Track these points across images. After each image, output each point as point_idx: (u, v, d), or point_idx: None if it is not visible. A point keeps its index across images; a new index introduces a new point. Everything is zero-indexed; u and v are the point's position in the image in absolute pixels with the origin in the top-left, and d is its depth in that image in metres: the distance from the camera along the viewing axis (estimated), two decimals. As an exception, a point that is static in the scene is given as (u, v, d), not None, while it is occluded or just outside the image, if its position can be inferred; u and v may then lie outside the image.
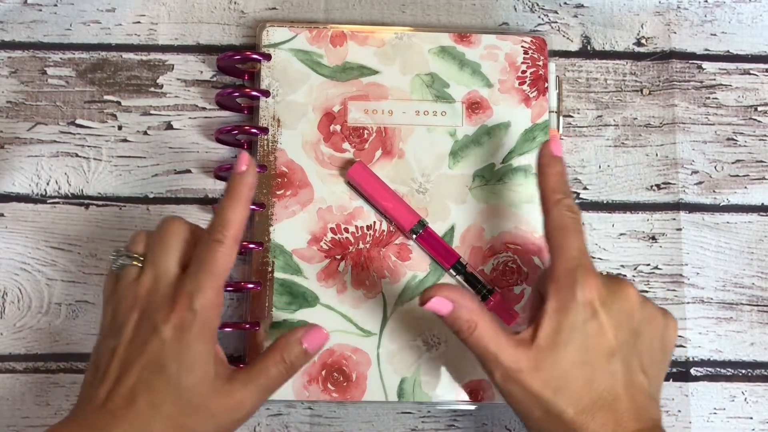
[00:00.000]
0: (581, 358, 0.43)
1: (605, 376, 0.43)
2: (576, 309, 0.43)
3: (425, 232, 0.54)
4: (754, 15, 0.62)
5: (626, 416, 0.43)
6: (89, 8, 0.60)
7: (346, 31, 0.58)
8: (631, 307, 0.45)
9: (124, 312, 0.44)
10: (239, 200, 0.44)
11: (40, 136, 0.58)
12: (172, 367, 0.42)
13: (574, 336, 0.43)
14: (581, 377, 0.43)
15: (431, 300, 0.44)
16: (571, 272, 0.44)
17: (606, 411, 0.43)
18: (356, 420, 0.55)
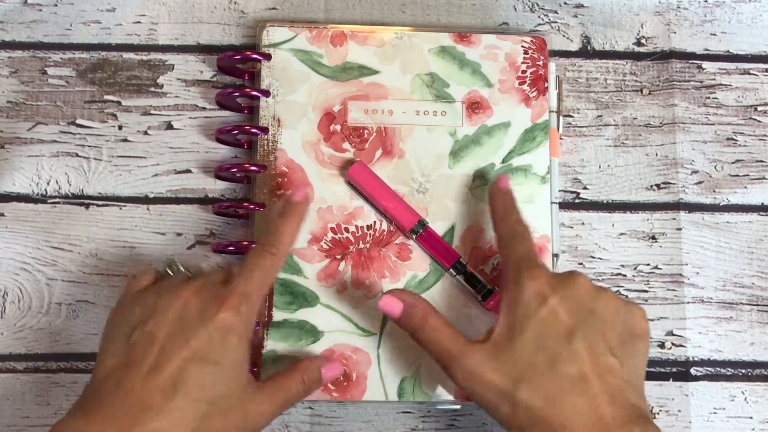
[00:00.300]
0: (538, 343, 0.43)
1: (568, 357, 0.43)
2: (525, 299, 0.44)
3: (425, 232, 0.54)
4: (754, 15, 0.62)
5: (600, 399, 0.42)
6: (89, 8, 0.60)
7: (346, 31, 0.58)
8: (582, 292, 0.45)
9: (168, 302, 0.44)
10: (293, 223, 0.48)
11: (41, 136, 0.58)
12: (214, 365, 0.42)
13: (527, 324, 0.44)
14: (542, 363, 0.43)
15: (382, 300, 0.47)
16: (517, 269, 0.46)
17: (576, 395, 0.42)
18: (356, 420, 0.55)
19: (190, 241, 0.57)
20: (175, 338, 0.42)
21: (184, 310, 0.44)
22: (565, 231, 0.58)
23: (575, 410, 0.41)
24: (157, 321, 0.43)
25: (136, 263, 0.56)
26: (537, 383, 0.42)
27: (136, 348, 0.42)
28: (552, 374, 0.42)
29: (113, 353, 0.43)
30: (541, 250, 0.56)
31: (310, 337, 0.54)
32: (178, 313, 0.43)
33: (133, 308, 0.45)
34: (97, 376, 0.43)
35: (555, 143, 0.57)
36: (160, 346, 0.42)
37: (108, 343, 0.44)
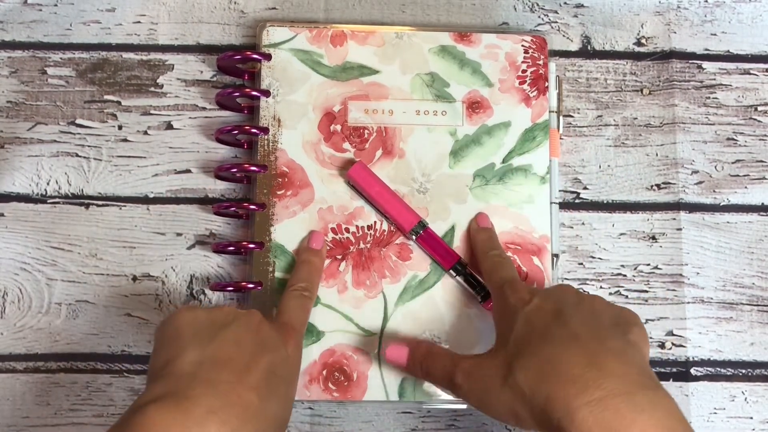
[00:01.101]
0: (529, 327, 0.44)
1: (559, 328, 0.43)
2: (510, 307, 0.46)
3: (425, 233, 0.54)
4: (754, 15, 0.62)
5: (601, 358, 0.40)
6: (89, 8, 0.60)
7: (347, 31, 0.58)
8: (566, 292, 0.47)
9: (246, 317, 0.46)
10: (319, 269, 0.54)
11: (41, 135, 0.58)
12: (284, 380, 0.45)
13: (516, 320, 0.45)
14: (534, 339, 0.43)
15: (386, 350, 0.51)
16: (501, 290, 0.48)
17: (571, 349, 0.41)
18: (356, 420, 0.55)
19: (190, 241, 0.57)
20: (258, 348, 0.44)
21: (260, 328, 0.46)
22: (565, 231, 0.58)
23: (573, 371, 0.40)
24: (241, 329, 0.45)
25: (136, 263, 0.56)
26: (531, 356, 0.42)
27: (223, 347, 0.43)
28: (545, 344, 0.42)
29: (196, 348, 0.43)
30: (541, 251, 0.56)
31: (311, 337, 0.54)
32: (256, 328, 0.45)
33: (210, 315, 0.46)
34: (177, 368, 0.42)
35: (555, 143, 0.57)
36: (248, 352, 0.43)
37: (183, 340, 0.44)
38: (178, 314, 0.45)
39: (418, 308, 0.55)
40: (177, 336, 0.44)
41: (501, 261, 0.52)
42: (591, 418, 0.38)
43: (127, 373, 0.55)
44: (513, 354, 0.43)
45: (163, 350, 0.44)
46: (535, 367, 0.42)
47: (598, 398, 0.38)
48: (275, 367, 0.44)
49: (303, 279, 0.52)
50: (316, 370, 0.53)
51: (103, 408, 0.55)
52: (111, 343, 0.56)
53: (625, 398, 0.38)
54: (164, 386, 0.40)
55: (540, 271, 0.55)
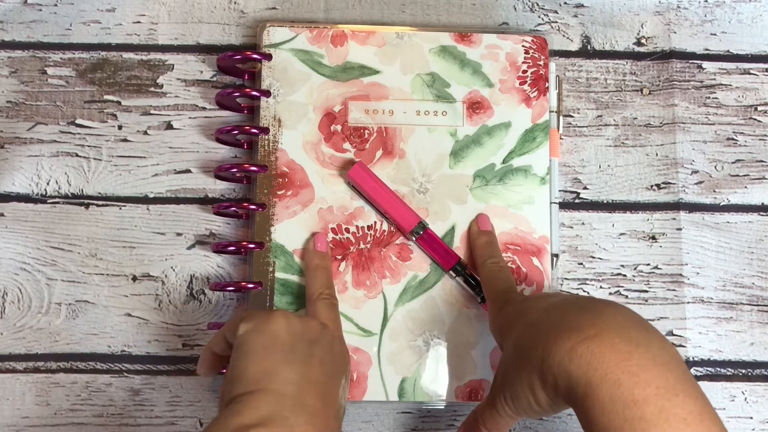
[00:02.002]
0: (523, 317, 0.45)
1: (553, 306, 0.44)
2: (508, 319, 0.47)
3: (425, 234, 0.54)
4: (754, 15, 0.62)
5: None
6: (89, 8, 0.60)
7: (347, 31, 0.58)
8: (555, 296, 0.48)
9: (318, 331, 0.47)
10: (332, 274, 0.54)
11: (40, 135, 0.58)
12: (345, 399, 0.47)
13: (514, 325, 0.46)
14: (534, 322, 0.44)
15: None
16: (498, 304, 0.50)
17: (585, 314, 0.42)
18: (356, 420, 0.55)
19: (190, 241, 0.57)
20: (336, 370, 0.46)
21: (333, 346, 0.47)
22: (565, 231, 0.58)
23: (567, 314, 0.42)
24: (325, 348, 0.46)
25: (136, 263, 0.56)
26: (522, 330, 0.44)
27: (315, 369, 0.44)
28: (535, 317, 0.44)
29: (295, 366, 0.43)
30: (541, 251, 0.56)
31: (311, 338, 0.54)
32: (331, 346, 0.47)
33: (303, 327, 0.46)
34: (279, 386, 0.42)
35: (555, 143, 0.57)
36: (330, 374, 0.45)
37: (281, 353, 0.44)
38: (274, 321, 0.45)
39: (418, 308, 0.55)
40: (274, 346, 0.44)
41: (497, 271, 0.53)
42: (588, 354, 0.38)
43: (127, 373, 0.55)
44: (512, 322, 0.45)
45: (260, 358, 0.43)
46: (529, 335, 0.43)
47: (593, 334, 0.39)
48: (345, 388, 0.47)
49: (326, 285, 0.53)
50: (316, 370, 0.53)
51: (103, 408, 0.55)
52: (111, 343, 0.56)
53: (620, 332, 0.39)
54: (268, 405, 0.40)
55: (540, 271, 0.55)
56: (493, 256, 0.54)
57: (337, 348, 0.48)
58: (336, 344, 0.48)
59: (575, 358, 0.38)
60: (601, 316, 0.40)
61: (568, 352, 0.39)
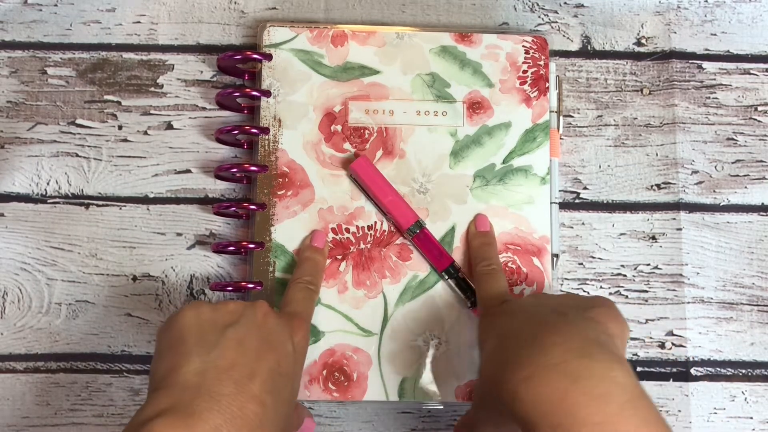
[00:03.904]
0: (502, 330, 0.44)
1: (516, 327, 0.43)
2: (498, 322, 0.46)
3: (422, 233, 0.54)
4: (754, 15, 0.62)
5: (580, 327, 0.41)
6: (89, 8, 0.60)
7: (347, 31, 0.58)
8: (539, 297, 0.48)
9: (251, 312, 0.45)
10: (322, 266, 0.54)
11: (41, 136, 0.58)
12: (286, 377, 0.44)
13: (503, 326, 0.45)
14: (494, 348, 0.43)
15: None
16: (489, 305, 0.50)
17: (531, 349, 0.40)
18: (356, 420, 0.55)
19: (190, 241, 0.57)
20: (263, 347, 0.43)
21: (266, 322, 0.44)
22: (565, 231, 0.58)
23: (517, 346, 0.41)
24: (245, 327, 0.43)
25: (136, 263, 0.56)
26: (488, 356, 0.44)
27: (227, 353, 0.42)
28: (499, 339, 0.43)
29: (200, 354, 0.41)
30: (541, 251, 0.56)
31: (311, 337, 0.54)
32: (261, 322, 0.44)
33: (214, 314, 0.44)
34: (182, 378, 0.40)
35: (555, 143, 0.57)
36: (252, 354, 0.42)
37: (187, 345, 0.42)
38: (181, 315, 0.43)
39: (418, 308, 0.55)
40: (180, 340, 0.42)
41: (491, 272, 0.53)
42: (528, 394, 0.37)
43: (127, 373, 0.55)
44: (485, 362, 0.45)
45: (167, 356, 0.42)
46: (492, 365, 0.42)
47: (530, 373, 0.38)
48: (280, 366, 0.43)
49: (308, 273, 0.53)
50: (316, 370, 0.53)
51: (103, 408, 0.55)
52: (111, 343, 0.56)
53: (559, 368, 0.37)
54: (168, 398, 0.39)
55: (540, 271, 0.55)
56: (486, 258, 0.54)
57: (271, 324, 0.45)
58: (270, 321, 0.45)
59: (517, 400, 0.38)
60: (543, 349, 0.39)
61: (511, 392, 0.38)
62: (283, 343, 0.44)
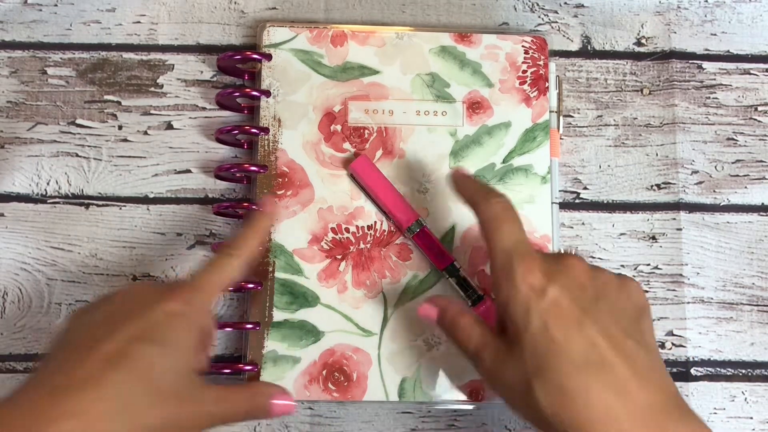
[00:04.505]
0: (548, 336, 0.40)
1: (582, 344, 0.40)
2: (522, 295, 0.42)
3: (422, 232, 0.54)
4: (754, 15, 0.62)
5: (631, 385, 0.39)
6: (89, 8, 0.60)
7: (347, 31, 0.58)
8: (580, 277, 0.42)
9: (115, 293, 0.43)
10: (258, 230, 0.49)
11: (40, 135, 0.58)
12: (160, 345, 0.40)
13: (531, 318, 0.41)
14: (554, 356, 0.40)
15: (419, 308, 0.47)
16: (507, 261, 0.43)
17: (601, 385, 0.39)
18: (356, 420, 0.55)
19: (190, 241, 0.57)
20: (120, 319, 0.41)
21: (130, 297, 0.43)
22: (565, 231, 0.58)
23: (600, 393, 0.39)
24: (104, 308, 0.42)
25: (136, 263, 0.56)
26: (552, 378, 0.39)
27: (83, 334, 0.41)
28: (568, 366, 0.39)
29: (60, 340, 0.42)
30: (542, 251, 0.56)
31: (311, 337, 0.54)
32: (123, 299, 0.43)
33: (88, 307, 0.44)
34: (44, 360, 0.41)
35: (555, 143, 0.57)
36: (105, 328, 0.40)
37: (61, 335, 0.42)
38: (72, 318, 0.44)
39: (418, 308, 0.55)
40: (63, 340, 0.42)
41: (504, 208, 0.45)
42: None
43: (127, 373, 0.55)
44: (532, 368, 0.40)
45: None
46: (557, 392, 0.39)
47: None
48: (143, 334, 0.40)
49: (233, 237, 0.49)
50: (316, 370, 0.53)
51: (103, 408, 0.55)
52: (111, 343, 0.55)
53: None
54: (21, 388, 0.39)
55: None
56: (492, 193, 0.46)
57: (138, 293, 0.43)
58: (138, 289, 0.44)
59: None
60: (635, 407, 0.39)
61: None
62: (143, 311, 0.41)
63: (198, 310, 0.43)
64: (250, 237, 0.48)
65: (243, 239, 0.47)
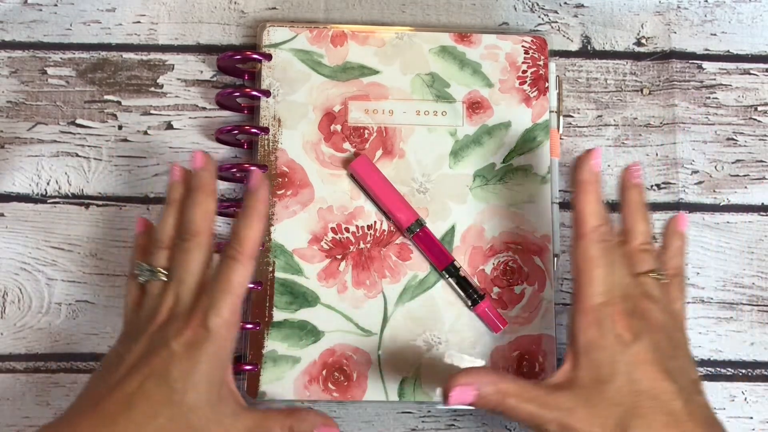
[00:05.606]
0: (631, 388, 0.42)
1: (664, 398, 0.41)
2: (609, 344, 0.42)
3: (422, 232, 0.54)
4: (754, 15, 0.62)
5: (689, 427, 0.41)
6: (89, 8, 0.60)
7: (347, 31, 0.58)
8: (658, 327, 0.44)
9: (143, 324, 0.44)
10: (253, 217, 0.45)
11: (41, 135, 0.58)
12: (176, 382, 0.41)
13: (617, 369, 0.42)
14: (640, 407, 0.41)
15: (452, 393, 0.42)
16: (597, 308, 0.43)
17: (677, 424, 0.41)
18: (356, 420, 0.55)
19: (191, 241, 0.57)
20: (140, 358, 0.42)
21: (154, 333, 0.43)
22: (565, 231, 0.58)
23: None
24: (130, 344, 0.43)
25: (136, 263, 0.56)
26: (644, 424, 0.41)
27: (109, 368, 0.43)
28: (657, 414, 0.41)
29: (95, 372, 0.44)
30: (542, 250, 0.56)
31: (311, 337, 0.54)
32: (149, 337, 0.43)
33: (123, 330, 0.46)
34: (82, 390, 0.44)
35: (555, 143, 0.57)
36: (127, 366, 0.42)
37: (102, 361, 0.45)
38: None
39: (418, 308, 0.55)
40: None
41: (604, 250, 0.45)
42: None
43: (127, 373, 0.55)
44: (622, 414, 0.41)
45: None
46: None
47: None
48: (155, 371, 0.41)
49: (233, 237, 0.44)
50: (315, 370, 0.53)
51: (103, 408, 0.55)
52: (111, 343, 0.55)
53: None
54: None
55: (542, 270, 0.55)
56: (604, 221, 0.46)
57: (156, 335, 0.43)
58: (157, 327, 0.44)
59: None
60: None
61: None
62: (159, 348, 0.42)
63: (217, 332, 0.42)
64: (249, 233, 0.44)
65: (243, 238, 0.44)
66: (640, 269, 0.45)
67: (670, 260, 0.49)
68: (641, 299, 0.44)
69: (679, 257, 0.49)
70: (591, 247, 0.44)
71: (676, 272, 0.48)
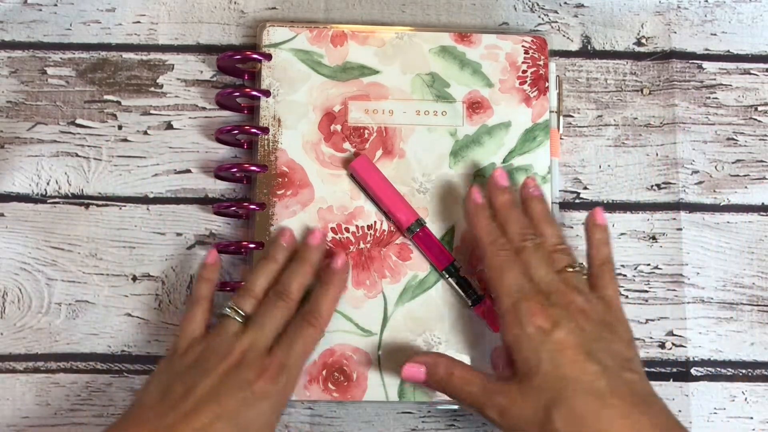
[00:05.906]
0: (556, 373, 0.44)
1: (589, 378, 0.44)
2: (528, 336, 0.45)
3: (422, 232, 0.54)
4: (754, 15, 0.62)
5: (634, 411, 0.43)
6: (89, 8, 0.60)
7: (347, 31, 0.58)
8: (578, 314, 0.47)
9: (216, 358, 0.47)
10: (336, 294, 0.52)
11: (40, 135, 0.58)
12: (244, 427, 0.45)
13: (541, 357, 0.45)
14: (567, 387, 0.44)
15: (403, 369, 0.49)
16: (513, 306, 0.47)
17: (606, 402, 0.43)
18: (356, 420, 0.55)
19: (190, 241, 0.57)
20: (212, 395, 0.45)
21: (227, 372, 0.46)
22: (565, 231, 0.58)
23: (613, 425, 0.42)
24: (201, 375, 0.46)
25: (136, 263, 0.56)
26: (568, 406, 0.43)
27: (175, 393, 0.45)
28: (581, 396, 0.43)
29: (158, 389, 0.46)
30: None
31: (311, 337, 0.54)
32: (221, 373, 0.46)
33: (184, 356, 0.48)
34: (142, 403, 0.46)
35: (555, 143, 0.57)
36: (197, 399, 0.45)
37: (157, 379, 0.47)
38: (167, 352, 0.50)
39: (418, 308, 0.55)
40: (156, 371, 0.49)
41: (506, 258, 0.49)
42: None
43: (127, 373, 0.55)
44: (549, 399, 0.44)
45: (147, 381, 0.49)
46: (574, 418, 0.43)
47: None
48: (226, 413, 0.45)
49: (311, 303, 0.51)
50: (315, 370, 0.53)
51: (103, 408, 0.55)
52: (111, 343, 0.56)
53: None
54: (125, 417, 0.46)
55: (540, 271, 0.55)
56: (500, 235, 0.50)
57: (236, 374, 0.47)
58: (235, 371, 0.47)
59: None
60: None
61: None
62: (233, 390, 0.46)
63: (284, 389, 0.48)
64: (327, 302, 0.51)
65: (321, 305, 0.50)
66: (558, 267, 0.49)
67: (595, 251, 0.51)
68: (565, 292, 0.47)
69: (604, 247, 0.51)
70: (494, 259, 0.49)
71: (603, 261, 0.51)
